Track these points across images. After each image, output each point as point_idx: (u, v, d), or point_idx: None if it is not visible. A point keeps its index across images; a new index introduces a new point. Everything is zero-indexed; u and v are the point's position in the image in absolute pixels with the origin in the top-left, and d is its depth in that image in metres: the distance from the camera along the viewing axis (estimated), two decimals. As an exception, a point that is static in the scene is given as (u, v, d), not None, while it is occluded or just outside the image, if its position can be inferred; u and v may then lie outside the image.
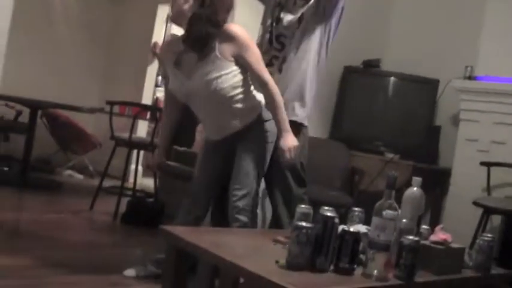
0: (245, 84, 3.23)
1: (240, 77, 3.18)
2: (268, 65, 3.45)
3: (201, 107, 3.29)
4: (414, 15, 6.20)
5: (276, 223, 3.60)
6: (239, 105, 3.22)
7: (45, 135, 7.24)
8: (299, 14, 3.58)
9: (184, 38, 3.17)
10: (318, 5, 3.55)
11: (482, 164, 4.85)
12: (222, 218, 3.37)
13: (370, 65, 5.94)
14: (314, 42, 3.58)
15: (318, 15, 3.56)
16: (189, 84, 3.19)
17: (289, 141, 3.19)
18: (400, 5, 6.32)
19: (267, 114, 3.31)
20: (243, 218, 3.18)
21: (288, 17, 3.56)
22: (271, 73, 3.32)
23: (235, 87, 3.18)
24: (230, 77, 3.14)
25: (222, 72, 3.12)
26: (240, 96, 3.21)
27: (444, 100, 5.71)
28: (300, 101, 3.58)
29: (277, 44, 3.57)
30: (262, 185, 3.56)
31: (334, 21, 3.62)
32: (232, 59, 3.13)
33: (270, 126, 3.32)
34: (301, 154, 3.58)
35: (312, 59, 3.59)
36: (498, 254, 4.47)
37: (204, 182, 3.44)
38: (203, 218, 3.44)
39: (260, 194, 3.80)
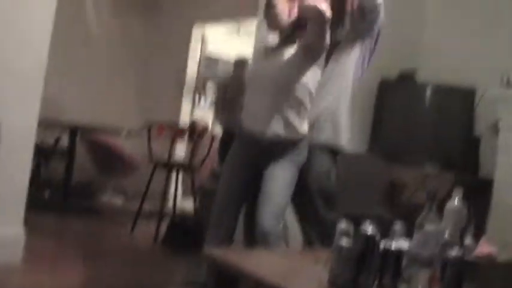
0: (307, 97, 3.29)
1: (306, 83, 3.25)
2: None
3: (261, 91, 3.31)
4: (448, 24, 6.14)
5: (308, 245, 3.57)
6: (293, 115, 3.25)
7: (85, 159, 7.30)
8: (335, 41, 3.57)
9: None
10: (352, 26, 3.55)
11: None
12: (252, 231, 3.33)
13: (406, 76, 5.89)
14: (350, 66, 3.57)
15: (356, 34, 3.55)
16: (269, 61, 3.32)
17: None
18: (434, 14, 6.26)
19: (305, 143, 3.35)
20: (270, 240, 3.13)
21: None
22: None
23: (299, 90, 3.24)
24: (301, 74, 3.24)
25: (297, 65, 3.24)
26: (299, 105, 3.26)
27: (482, 109, 5.63)
28: (334, 127, 3.57)
29: None
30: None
31: (369, 44, 3.62)
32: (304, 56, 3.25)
33: (303, 154, 3.34)
34: (331, 178, 3.57)
35: (348, 83, 3.59)
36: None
37: (232, 193, 3.42)
38: (233, 230, 3.40)
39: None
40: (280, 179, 3.23)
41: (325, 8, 3.11)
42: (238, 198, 3.42)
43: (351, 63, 3.58)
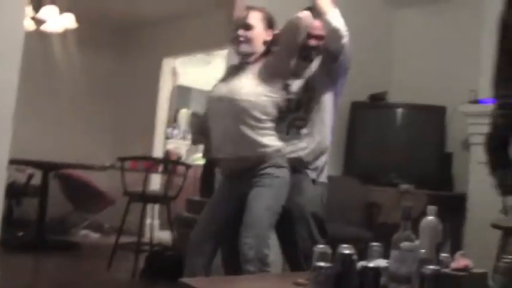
0: (268, 115, 3.30)
1: (265, 101, 3.27)
2: (293, 126, 3.56)
3: (220, 120, 3.32)
4: (415, 45, 6.23)
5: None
6: (254, 133, 3.25)
7: (59, 196, 7.25)
8: (303, 79, 3.62)
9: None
10: (322, 67, 3.60)
11: None
12: (235, 263, 3.30)
13: (377, 98, 5.95)
14: (327, 105, 3.62)
15: (324, 77, 3.60)
16: (222, 90, 3.33)
17: None
18: (401, 37, 6.36)
19: (282, 161, 3.31)
20: (253, 268, 3.09)
21: (295, 83, 3.58)
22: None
23: (257, 108, 3.24)
24: (255, 93, 3.25)
25: (252, 87, 3.26)
26: (259, 122, 3.26)
27: (453, 126, 5.70)
28: (319, 160, 3.62)
29: (293, 105, 3.58)
30: None
31: (341, 81, 3.68)
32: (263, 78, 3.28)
33: (284, 173, 3.31)
34: (323, 205, 3.60)
35: (328, 120, 3.64)
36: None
37: (210, 225, 3.40)
38: (210, 260, 3.37)
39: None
40: (257, 206, 3.20)
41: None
42: (216, 228, 3.39)
43: (328, 103, 3.63)
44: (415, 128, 5.84)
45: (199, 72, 9.57)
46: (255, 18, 3.35)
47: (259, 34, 3.35)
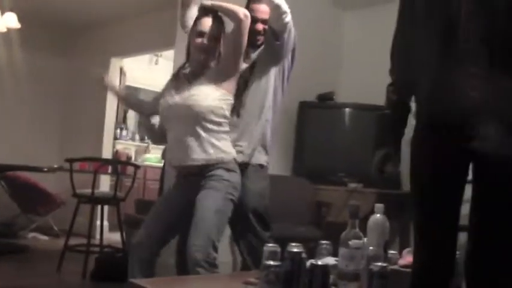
0: (223, 117, 3.31)
1: (219, 104, 3.27)
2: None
3: (175, 125, 3.32)
4: (364, 46, 6.30)
5: (247, 268, 3.59)
6: (210, 135, 3.26)
7: (5, 199, 7.14)
8: (251, 61, 3.64)
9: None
10: (266, 46, 3.62)
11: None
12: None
13: (325, 98, 6.00)
14: (270, 86, 3.65)
15: (269, 58, 3.63)
16: (175, 99, 3.31)
17: None
18: (349, 37, 6.43)
19: (233, 166, 3.33)
20: (202, 271, 3.08)
21: (242, 66, 3.59)
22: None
23: (212, 111, 3.25)
24: (209, 98, 3.25)
25: (205, 91, 3.26)
26: (215, 125, 3.27)
27: (400, 125, 5.77)
28: (262, 147, 3.64)
29: None
30: (229, 231, 3.56)
31: (286, 63, 3.70)
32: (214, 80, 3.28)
33: (234, 177, 3.32)
34: (265, 198, 3.63)
35: (270, 104, 3.66)
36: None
37: (155, 225, 3.38)
38: (152, 262, 3.34)
39: (228, 240, 3.79)
40: (205, 208, 3.19)
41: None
42: (161, 231, 3.37)
43: (270, 84, 3.65)
44: (362, 127, 5.89)
45: (147, 72, 9.54)
46: (222, 33, 3.36)
47: (218, 49, 3.36)
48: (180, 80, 3.42)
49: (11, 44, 7.70)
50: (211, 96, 3.25)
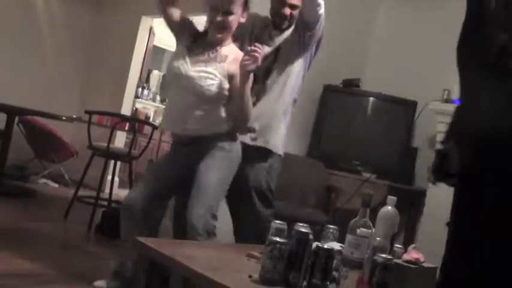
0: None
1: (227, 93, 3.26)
2: None
3: (183, 94, 3.29)
4: (394, 36, 6.26)
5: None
6: (216, 110, 3.26)
7: (22, 143, 7.18)
8: (275, 45, 3.62)
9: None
10: (294, 35, 3.59)
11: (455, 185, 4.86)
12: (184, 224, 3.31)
13: (350, 85, 5.97)
14: (292, 73, 3.63)
15: (295, 47, 3.60)
16: (189, 70, 3.26)
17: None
18: (380, 26, 6.39)
19: (235, 136, 3.36)
20: (200, 238, 3.11)
21: (264, 49, 3.56)
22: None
23: (222, 95, 3.24)
24: (223, 88, 3.23)
25: (220, 82, 3.22)
26: (221, 107, 3.26)
27: (421, 122, 5.76)
28: (277, 128, 3.63)
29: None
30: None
31: (310, 52, 3.68)
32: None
33: (236, 148, 3.34)
34: (270, 176, 3.63)
35: (290, 89, 3.64)
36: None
37: (148, 186, 3.37)
38: (141, 222, 3.34)
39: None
40: (210, 174, 3.22)
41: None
42: (154, 193, 3.35)
43: (294, 71, 3.64)
44: (384, 118, 5.89)
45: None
46: (236, 4, 3.29)
47: (237, 19, 3.32)
48: (197, 47, 3.38)
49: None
50: (224, 85, 3.24)
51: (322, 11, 3.46)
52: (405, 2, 6.27)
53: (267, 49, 3.56)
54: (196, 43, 3.39)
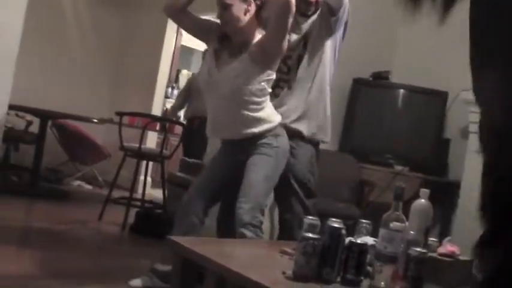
0: (265, 95, 3.31)
1: (262, 86, 3.26)
2: (276, 87, 3.52)
3: (217, 101, 3.33)
4: (423, 26, 6.20)
5: (285, 235, 3.60)
6: (254, 113, 3.28)
7: (55, 146, 7.26)
8: (302, 33, 3.61)
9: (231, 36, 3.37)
10: (320, 21, 3.58)
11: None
12: (228, 226, 3.35)
13: (380, 77, 5.93)
14: (324, 59, 3.62)
15: (323, 32, 3.59)
16: (216, 75, 3.30)
17: None
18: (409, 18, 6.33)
19: (280, 131, 3.36)
20: (248, 232, 3.15)
21: (292, 37, 3.55)
22: (278, 95, 3.46)
23: (255, 94, 3.25)
24: (254, 81, 3.23)
25: (248, 74, 3.22)
26: (258, 105, 3.28)
27: (453, 112, 5.69)
28: (313, 118, 3.62)
29: (284, 66, 3.58)
30: (271, 196, 3.58)
31: (339, 36, 3.66)
32: (260, 63, 3.24)
33: (282, 142, 3.35)
34: (312, 166, 3.63)
35: (322, 77, 3.63)
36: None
37: (204, 186, 3.45)
38: (199, 223, 3.39)
39: (268, 206, 3.80)
40: (255, 173, 3.26)
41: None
42: (209, 194, 3.42)
43: (326, 57, 3.63)
44: (415, 110, 5.84)
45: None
46: None
47: (237, 10, 3.29)
48: (222, 51, 3.39)
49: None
50: (253, 78, 3.24)
51: None
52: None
53: (294, 36, 3.56)
54: (223, 44, 3.41)
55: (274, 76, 3.35)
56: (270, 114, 3.35)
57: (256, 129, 3.29)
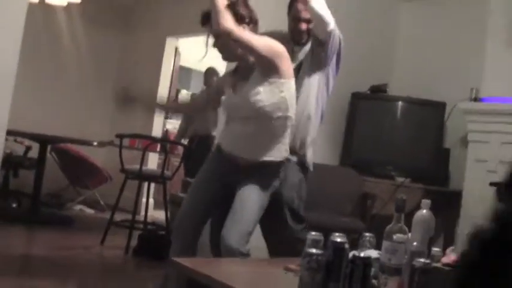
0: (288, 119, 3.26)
1: (280, 98, 3.19)
2: None
3: (238, 121, 3.30)
4: (419, 39, 6.23)
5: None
6: (279, 142, 3.25)
7: (55, 170, 7.26)
8: (297, 62, 3.64)
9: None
10: (313, 56, 3.63)
11: (492, 184, 4.82)
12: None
13: (378, 90, 5.95)
14: (314, 88, 3.66)
15: (315, 62, 3.63)
16: (234, 98, 3.28)
17: None
18: (405, 30, 6.36)
19: (282, 166, 3.34)
20: (235, 256, 3.09)
21: None
22: None
23: (276, 109, 3.18)
24: (269, 92, 3.16)
25: (261, 88, 3.17)
26: (278, 128, 3.23)
27: (452, 122, 5.71)
28: (303, 143, 3.64)
29: None
30: None
31: (331, 66, 3.70)
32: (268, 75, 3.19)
33: (280, 176, 3.34)
34: (300, 193, 3.63)
35: (313, 102, 3.66)
36: None
37: (195, 206, 3.38)
38: (192, 242, 3.36)
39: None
40: (251, 201, 3.20)
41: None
42: (201, 212, 3.38)
43: (313, 85, 3.65)
44: (414, 122, 5.86)
45: (202, 53, 9.53)
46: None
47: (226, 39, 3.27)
48: (238, 80, 3.36)
49: (71, 18, 7.84)
50: (269, 97, 3.18)
51: (331, 27, 3.51)
52: (429, 2, 6.24)
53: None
54: (235, 76, 3.40)
55: (289, 83, 3.25)
56: (281, 149, 3.29)
57: (263, 157, 3.24)
